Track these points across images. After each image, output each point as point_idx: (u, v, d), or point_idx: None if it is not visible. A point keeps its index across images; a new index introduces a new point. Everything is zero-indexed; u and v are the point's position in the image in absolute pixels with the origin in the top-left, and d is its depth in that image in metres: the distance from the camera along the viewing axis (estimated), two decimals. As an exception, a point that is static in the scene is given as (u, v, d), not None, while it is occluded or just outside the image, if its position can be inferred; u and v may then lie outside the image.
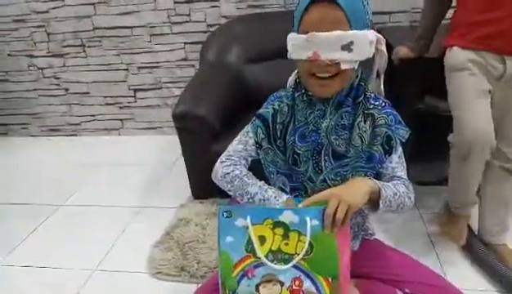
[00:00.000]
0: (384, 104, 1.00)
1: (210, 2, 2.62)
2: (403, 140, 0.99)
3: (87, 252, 1.89)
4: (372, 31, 0.91)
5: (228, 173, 1.04)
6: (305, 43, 0.88)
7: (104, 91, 3.04)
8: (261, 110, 1.05)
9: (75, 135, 3.27)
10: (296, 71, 1.04)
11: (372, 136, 0.98)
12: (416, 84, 1.75)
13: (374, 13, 2.42)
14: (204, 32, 2.68)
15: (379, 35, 0.94)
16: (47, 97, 3.16)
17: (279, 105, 1.03)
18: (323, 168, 0.99)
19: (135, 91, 3.00)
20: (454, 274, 1.56)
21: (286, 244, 0.85)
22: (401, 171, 1.00)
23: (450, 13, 1.58)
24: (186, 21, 2.70)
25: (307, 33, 0.88)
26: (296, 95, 1.01)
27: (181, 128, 2.02)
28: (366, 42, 0.89)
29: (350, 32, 0.86)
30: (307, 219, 0.83)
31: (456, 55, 1.46)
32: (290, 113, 1.02)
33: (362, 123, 0.97)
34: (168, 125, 3.03)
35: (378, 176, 1.00)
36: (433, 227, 1.84)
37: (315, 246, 0.84)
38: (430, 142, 1.56)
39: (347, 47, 0.87)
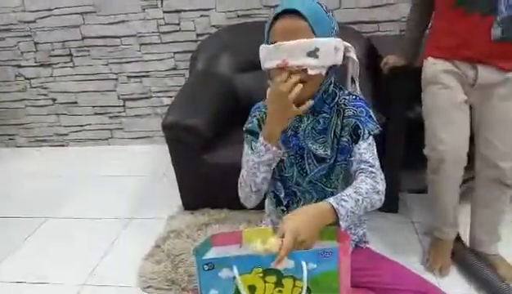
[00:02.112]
0: (355, 97, 1.03)
1: (200, 11, 2.61)
2: (371, 133, 0.99)
3: (76, 266, 1.85)
4: (338, 39, 0.97)
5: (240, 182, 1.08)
6: (274, 52, 0.94)
7: (92, 100, 3.01)
8: (248, 125, 1.10)
9: (63, 145, 3.22)
10: None
11: (340, 128, 1.01)
12: (406, 93, 1.75)
13: (363, 22, 2.46)
14: (194, 41, 2.68)
15: (347, 44, 1.00)
16: (34, 107, 3.11)
17: (259, 114, 1.09)
18: (308, 171, 1.04)
19: (124, 100, 2.98)
20: (447, 283, 1.56)
21: (280, 292, 0.81)
22: (370, 158, 0.98)
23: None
24: (176, 30, 2.69)
25: (275, 42, 0.93)
26: None
27: (171, 138, 2.00)
28: (331, 48, 0.94)
29: (314, 39, 0.91)
30: (303, 263, 0.79)
31: (430, 67, 1.48)
32: None
33: (335, 121, 1.02)
34: (157, 134, 3.00)
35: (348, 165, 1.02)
36: (425, 235, 1.83)
37: (313, 289, 0.81)
38: (421, 150, 1.56)
39: (312, 54, 0.91)
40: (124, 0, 2.65)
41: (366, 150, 0.98)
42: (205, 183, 2.03)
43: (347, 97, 1.03)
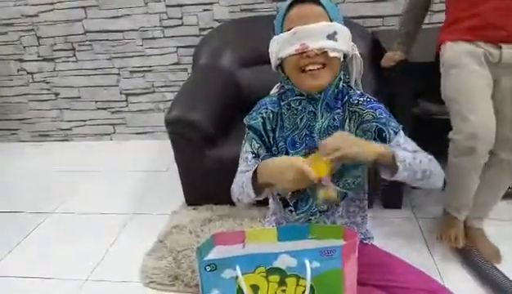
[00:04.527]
0: (369, 99, 1.02)
1: (203, 5, 2.60)
2: (396, 131, 0.99)
3: (78, 261, 1.85)
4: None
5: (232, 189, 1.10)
6: (292, 38, 0.92)
7: (95, 95, 3.00)
8: (252, 122, 1.06)
9: (66, 140, 3.22)
10: (278, 84, 1.07)
11: (360, 134, 1.00)
12: (410, 89, 1.74)
13: (367, 17, 2.43)
14: (197, 36, 2.66)
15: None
16: (37, 102, 3.11)
17: (265, 112, 1.06)
18: None
19: (127, 95, 2.97)
20: (451, 280, 1.55)
21: (283, 291, 0.79)
22: (414, 147, 1.00)
23: (433, 18, 1.59)
24: (179, 25, 2.68)
25: (291, 30, 0.93)
26: (282, 103, 1.03)
27: (174, 133, 1.99)
28: (347, 35, 0.96)
29: (333, 23, 0.93)
30: (306, 261, 0.78)
31: (451, 50, 1.48)
32: (276, 120, 1.05)
33: (348, 122, 1.00)
34: (160, 130, 2.99)
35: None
36: (430, 232, 1.82)
37: (316, 289, 0.79)
38: (426, 146, 1.54)
39: (332, 37, 0.92)
40: (127, -6, 2.64)
41: (406, 143, 0.99)
42: (208, 178, 2.02)
43: (360, 99, 1.01)
